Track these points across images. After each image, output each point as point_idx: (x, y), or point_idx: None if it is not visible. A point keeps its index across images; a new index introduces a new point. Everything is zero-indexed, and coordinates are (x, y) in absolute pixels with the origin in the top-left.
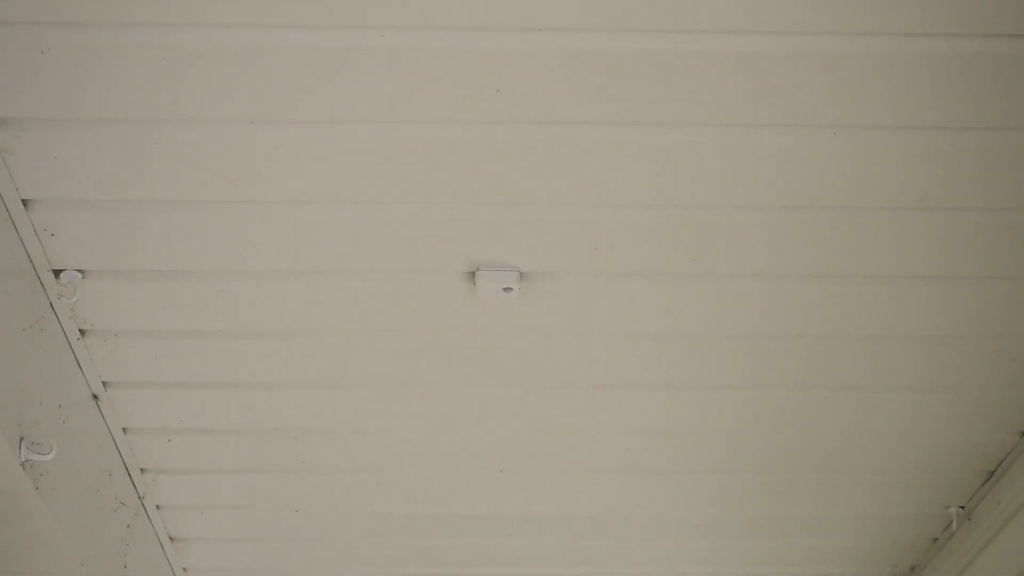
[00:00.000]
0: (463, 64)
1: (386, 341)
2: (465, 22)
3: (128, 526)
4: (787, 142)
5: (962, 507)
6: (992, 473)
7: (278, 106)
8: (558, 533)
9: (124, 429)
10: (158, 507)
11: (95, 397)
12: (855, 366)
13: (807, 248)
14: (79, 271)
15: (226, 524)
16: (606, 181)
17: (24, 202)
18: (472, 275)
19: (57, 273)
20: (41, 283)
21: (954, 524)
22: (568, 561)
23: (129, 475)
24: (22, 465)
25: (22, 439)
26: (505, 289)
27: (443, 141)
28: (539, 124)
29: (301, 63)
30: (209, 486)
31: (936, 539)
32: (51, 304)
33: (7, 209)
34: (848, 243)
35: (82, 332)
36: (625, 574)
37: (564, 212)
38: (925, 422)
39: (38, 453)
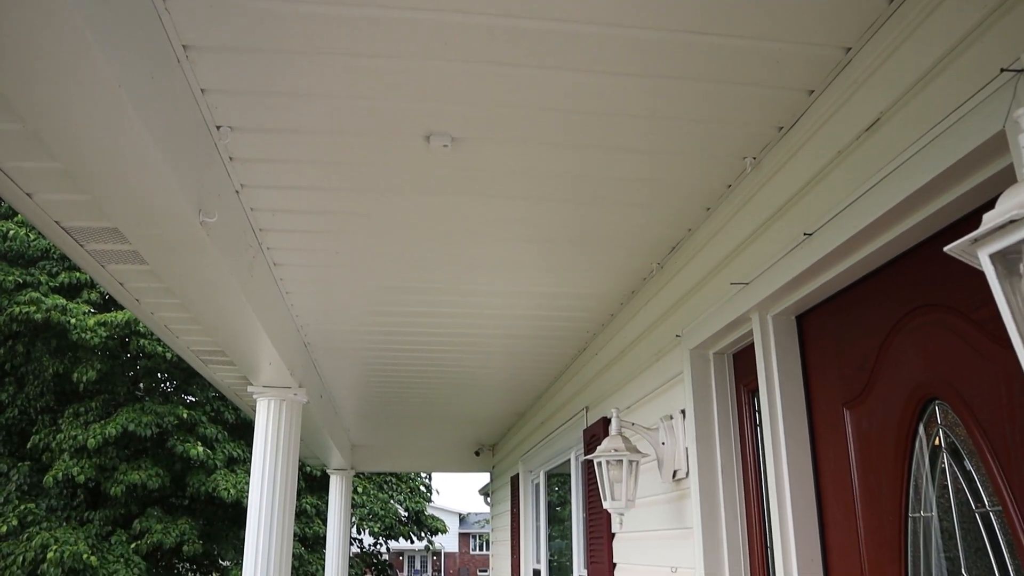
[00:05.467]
0: None
1: (388, 168)
2: None
3: (253, 257)
4: None
5: (754, 157)
6: (782, 129)
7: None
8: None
9: (252, 208)
10: (268, 248)
11: (237, 192)
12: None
13: None
14: (230, 127)
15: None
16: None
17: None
18: (428, 137)
19: (219, 127)
20: (209, 132)
21: (748, 170)
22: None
23: (255, 232)
24: (200, 223)
25: (200, 209)
26: (444, 145)
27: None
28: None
29: None
30: (299, 239)
31: (730, 185)
32: (216, 145)
33: (194, 97)
34: None
35: (231, 159)
36: None
37: (471, 109)
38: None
39: (208, 217)
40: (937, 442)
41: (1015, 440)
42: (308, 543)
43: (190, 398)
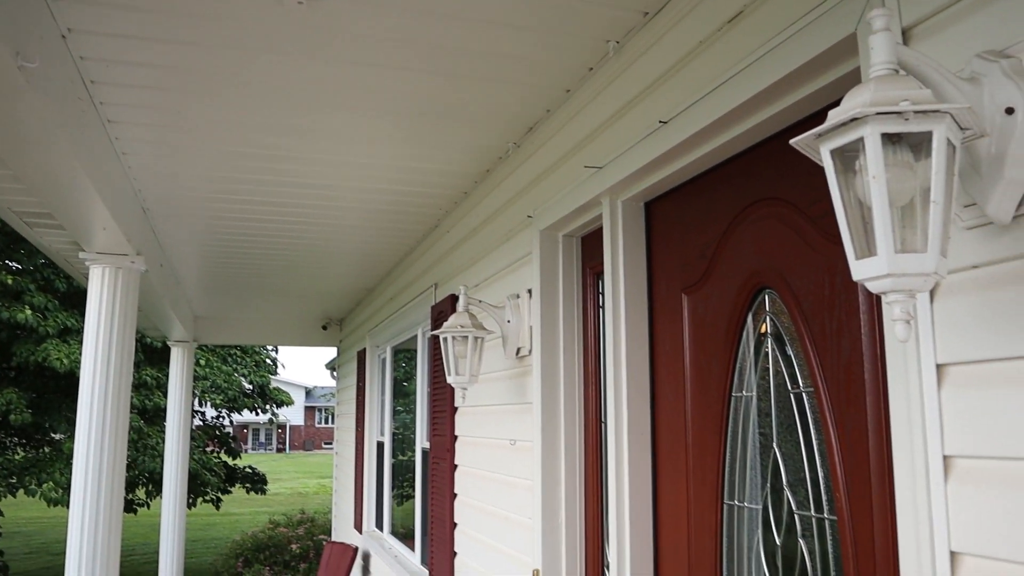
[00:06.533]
0: None
1: (236, 22)
2: None
3: (83, 111)
4: None
5: (618, 41)
6: (648, 14)
7: None
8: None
9: (81, 57)
10: (101, 103)
11: (64, 37)
12: None
13: None
14: None
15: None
16: None
17: None
18: None
19: None
20: None
21: (611, 54)
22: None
23: (85, 84)
24: (19, 68)
25: (18, 52)
26: (299, 1)
27: None
28: None
29: None
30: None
31: (591, 68)
32: None
33: None
34: None
35: None
36: None
37: None
38: None
39: (27, 61)
40: (764, 328)
41: (832, 328)
42: (148, 415)
43: (15, 265)
